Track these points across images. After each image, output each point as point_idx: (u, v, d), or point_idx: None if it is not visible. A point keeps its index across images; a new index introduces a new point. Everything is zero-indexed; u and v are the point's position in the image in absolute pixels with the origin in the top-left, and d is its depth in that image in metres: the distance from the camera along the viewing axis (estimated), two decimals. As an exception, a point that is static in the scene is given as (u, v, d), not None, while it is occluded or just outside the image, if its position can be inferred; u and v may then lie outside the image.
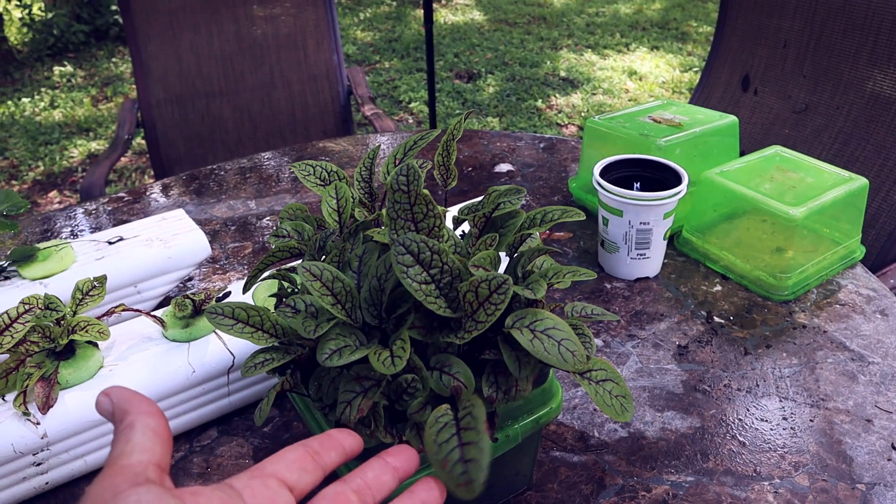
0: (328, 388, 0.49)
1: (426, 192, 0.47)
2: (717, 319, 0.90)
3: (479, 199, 0.58)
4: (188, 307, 0.74)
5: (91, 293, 0.74)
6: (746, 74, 1.76)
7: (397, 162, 0.63)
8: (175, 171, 2.10)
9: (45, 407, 0.66)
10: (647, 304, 0.93)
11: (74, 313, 0.72)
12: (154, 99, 2.06)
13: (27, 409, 0.66)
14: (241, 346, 0.74)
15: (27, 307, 0.69)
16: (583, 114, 3.80)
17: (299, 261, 0.64)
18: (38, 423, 0.66)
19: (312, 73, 2.15)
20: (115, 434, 0.34)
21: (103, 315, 0.75)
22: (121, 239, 0.93)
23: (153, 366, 0.71)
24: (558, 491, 0.67)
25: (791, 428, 0.74)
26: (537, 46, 4.88)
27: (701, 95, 1.86)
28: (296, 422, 0.75)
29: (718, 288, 0.96)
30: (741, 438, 0.73)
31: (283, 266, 0.65)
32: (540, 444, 0.71)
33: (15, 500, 0.67)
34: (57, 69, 4.74)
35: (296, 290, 0.59)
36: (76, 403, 0.68)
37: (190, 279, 0.99)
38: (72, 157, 3.54)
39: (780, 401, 0.77)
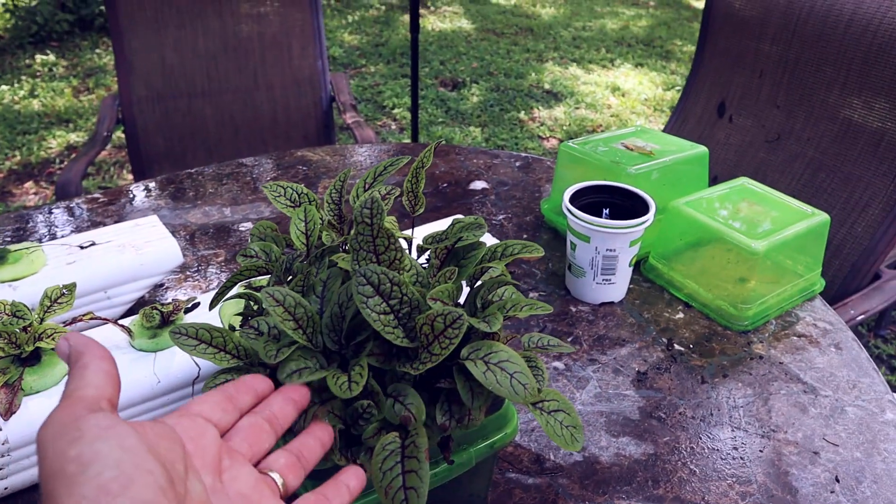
0: (286, 410, 0.50)
1: (389, 225, 0.48)
2: (676, 347, 0.93)
3: (445, 228, 0.60)
4: (156, 318, 0.74)
5: (59, 300, 0.74)
6: (722, 101, 1.79)
7: (367, 186, 0.65)
8: (154, 169, 2.10)
9: (8, 413, 0.67)
10: (611, 328, 0.95)
11: (42, 320, 0.73)
12: (135, 96, 2.06)
13: (-10, 413, 0.67)
14: (207, 357, 0.75)
15: (-6, 312, 0.69)
16: (565, 127, 3.83)
17: (268, 276, 0.65)
18: (0, 429, 0.67)
19: (296, 77, 2.15)
20: (71, 373, 0.38)
21: (70, 322, 0.75)
22: (93, 244, 0.93)
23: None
24: (511, 513, 0.69)
25: (741, 458, 0.76)
26: (523, 58, 4.91)
27: (678, 119, 1.89)
28: (258, 434, 0.76)
29: (681, 315, 0.99)
30: (692, 466, 0.75)
31: (253, 281, 0.66)
32: (496, 466, 0.72)
33: (-27, 504, 0.68)
34: (39, 57, 4.69)
35: (261, 309, 0.60)
36: (39, 410, 0.68)
37: (161, 285, 0.99)
38: (50, 147, 3.51)
39: (732, 430, 0.80)
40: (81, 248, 0.92)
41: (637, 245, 0.97)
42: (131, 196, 1.25)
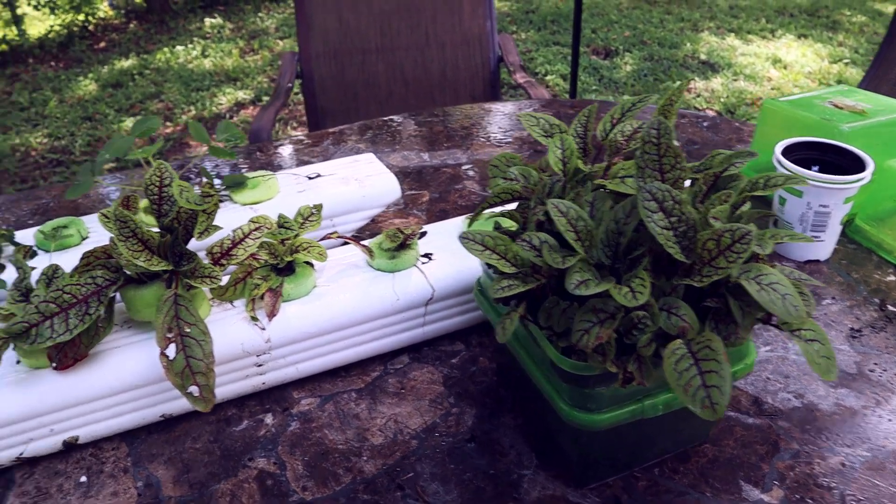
0: (559, 318, 0.54)
1: (676, 145, 0.51)
2: (891, 308, 0.90)
3: (698, 161, 0.61)
4: (399, 238, 0.80)
5: (311, 218, 0.81)
6: (921, 67, 1.69)
7: (614, 121, 0.67)
8: (328, 122, 2.20)
9: (272, 315, 0.74)
10: (819, 286, 0.94)
11: (296, 235, 0.80)
12: (314, 52, 2.16)
13: (255, 315, 0.75)
14: (440, 281, 0.80)
15: (256, 226, 0.77)
16: (722, 99, 3.70)
17: (510, 205, 0.69)
18: (264, 329, 0.74)
19: (466, 36, 2.20)
20: None
21: (321, 239, 0.82)
22: (319, 175, 1.01)
23: (362, 290, 0.78)
24: (734, 447, 0.70)
25: (970, 419, 0.74)
26: (677, 27, 4.76)
27: (868, 87, 1.79)
28: (481, 357, 0.81)
29: (892, 278, 0.96)
30: (918, 423, 0.74)
31: (499, 209, 0.70)
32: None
33: (236, 395, 0.76)
34: (208, 21, 4.99)
35: (522, 229, 0.64)
36: (295, 315, 0.76)
37: (374, 220, 1.06)
38: (220, 103, 3.74)
39: (959, 392, 0.77)
40: (309, 178, 1.00)
41: (850, 203, 0.94)
42: (332, 139, 1.32)
